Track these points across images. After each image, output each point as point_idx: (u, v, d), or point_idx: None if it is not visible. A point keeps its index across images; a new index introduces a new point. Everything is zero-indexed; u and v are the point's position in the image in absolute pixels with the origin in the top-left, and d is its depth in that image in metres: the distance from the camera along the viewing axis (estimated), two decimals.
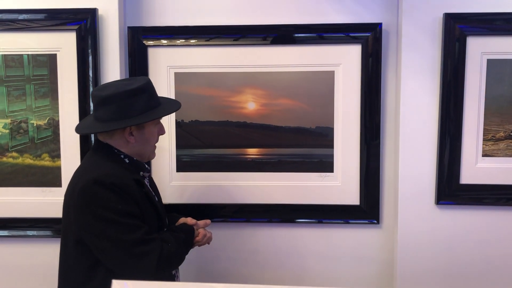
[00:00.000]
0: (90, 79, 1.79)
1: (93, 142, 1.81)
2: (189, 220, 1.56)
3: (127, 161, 1.44)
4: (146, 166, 1.51)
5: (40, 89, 1.83)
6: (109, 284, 1.11)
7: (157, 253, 1.32)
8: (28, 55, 1.82)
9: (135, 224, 1.33)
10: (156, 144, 1.53)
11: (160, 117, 1.47)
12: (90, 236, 1.33)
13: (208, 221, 1.60)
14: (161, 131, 1.52)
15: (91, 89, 1.79)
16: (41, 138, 1.85)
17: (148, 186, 1.50)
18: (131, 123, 1.38)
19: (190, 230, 1.52)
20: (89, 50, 1.78)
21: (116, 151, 1.43)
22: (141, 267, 1.32)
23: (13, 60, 1.83)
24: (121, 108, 1.38)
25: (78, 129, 1.50)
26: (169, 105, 1.52)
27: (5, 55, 1.82)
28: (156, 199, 1.52)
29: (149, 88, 1.44)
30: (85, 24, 1.78)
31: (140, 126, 1.42)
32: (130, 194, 1.35)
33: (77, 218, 1.34)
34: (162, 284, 0.96)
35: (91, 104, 1.79)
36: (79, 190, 1.33)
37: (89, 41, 1.78)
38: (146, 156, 1.51)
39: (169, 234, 1.44)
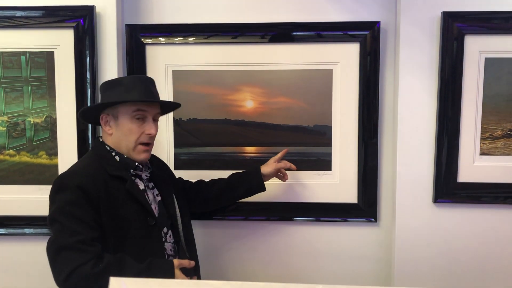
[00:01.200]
0: (88, 76, 1.78)
1: (90, 140, 1.81)
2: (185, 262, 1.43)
3: (117, 158, 1.46)
4: (137, 164, 1.48)
5: (38, 90, 1.83)
6: None
7: (73, 265, 1.25)
8: (26, 56, 1.81)
9: (74, 230, 1.29)
10: (143, 144, 1.46)
11: (113, 104, 1.42)
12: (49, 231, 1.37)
13: (193, 262, 1.45)
14: (149, 130, 1.45)
15: (88, 86, 1.79)
16: (39, 140, 1.84)
17: (143, 182, 1.49)
18: (92, 106, 1.48)
19: (164, 271, 1.36)
20: (87, 48, 1.78)
21: (108, 148, 1.47)
22: (54, 272, 1.28)
23: (10, 61, 1.82)
24: (102, 98, 1.48)
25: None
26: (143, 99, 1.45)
27: (2, 55, 1.81)
28: (149, 196, 1.50)
29: (131, 82, 1.45)
30: (83, 22, 1.77)
31: (114, 117, 1.45)
32: (91, 194, 1.33)
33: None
34: (161, 281, 0.96)
35: (89, 101, 1.79)
36: (51, 187, 1.38)
37: (87, 39, 1.77)
38: (126, 153, 1.46)
39: (125, 259, 1.32)
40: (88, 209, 1.33)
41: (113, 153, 1.47)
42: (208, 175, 1.89)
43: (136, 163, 1.48)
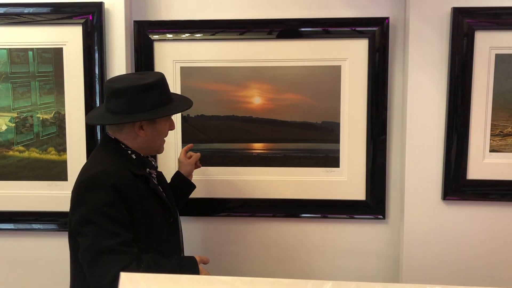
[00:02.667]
0: (96, 73, 1.79)
1: (99, 135, 1.81)
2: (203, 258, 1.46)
3: (134, 157, 1.43)
4: (153, 163, 1.50)
5: (45, 86, 1.83)
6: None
7: (118, 268, 1.21)
8: (33, 51, 1.82)
9: (113, 231, 1.27)
10: (165, 138, 1.53)
11: (173, 114, 1.49)
12: (76, 232, 1.32)
13: (209, 259, 1.48)
14: (172, 126, 1.52)
15: (97, 82, 1.79)
16: (47, 134, 1.85)
17: (155, 182, 1.50)
18: (144, 117, 1.38)
19: (190, 267, 1.39)
20: (95, 44, 1.78)
21: (123, 146, 1.43)
22: (96, 276, 1.25)
23: (18, 57, 1.83)
24: (133, 102, 1.38)
25: (89, 119, 1.50)
26: (181, 102, 1.51)
27: (10, 51, 1.82)
28: (164, 195, 1.51)
29: (162, 84, 1.44)
30: (91, 18, 1.77)
31: (151, 121, 1.42)
32: (124, 194, 1.32)
33: (72, 213, 1.34)
34: (172, 276, 0.96)
35: (97, 97, 1.80)
36: (77, 186, 1.35)
37: (95, 35, 1.78)
38: (155, 150, 1.51)
39: (157, 258, 1.33)
40: (123, 210, 1.31)
41: (129, 152, 1.43)
42: (215, 171, 1.90)
43: (153, 162, 1.49)
